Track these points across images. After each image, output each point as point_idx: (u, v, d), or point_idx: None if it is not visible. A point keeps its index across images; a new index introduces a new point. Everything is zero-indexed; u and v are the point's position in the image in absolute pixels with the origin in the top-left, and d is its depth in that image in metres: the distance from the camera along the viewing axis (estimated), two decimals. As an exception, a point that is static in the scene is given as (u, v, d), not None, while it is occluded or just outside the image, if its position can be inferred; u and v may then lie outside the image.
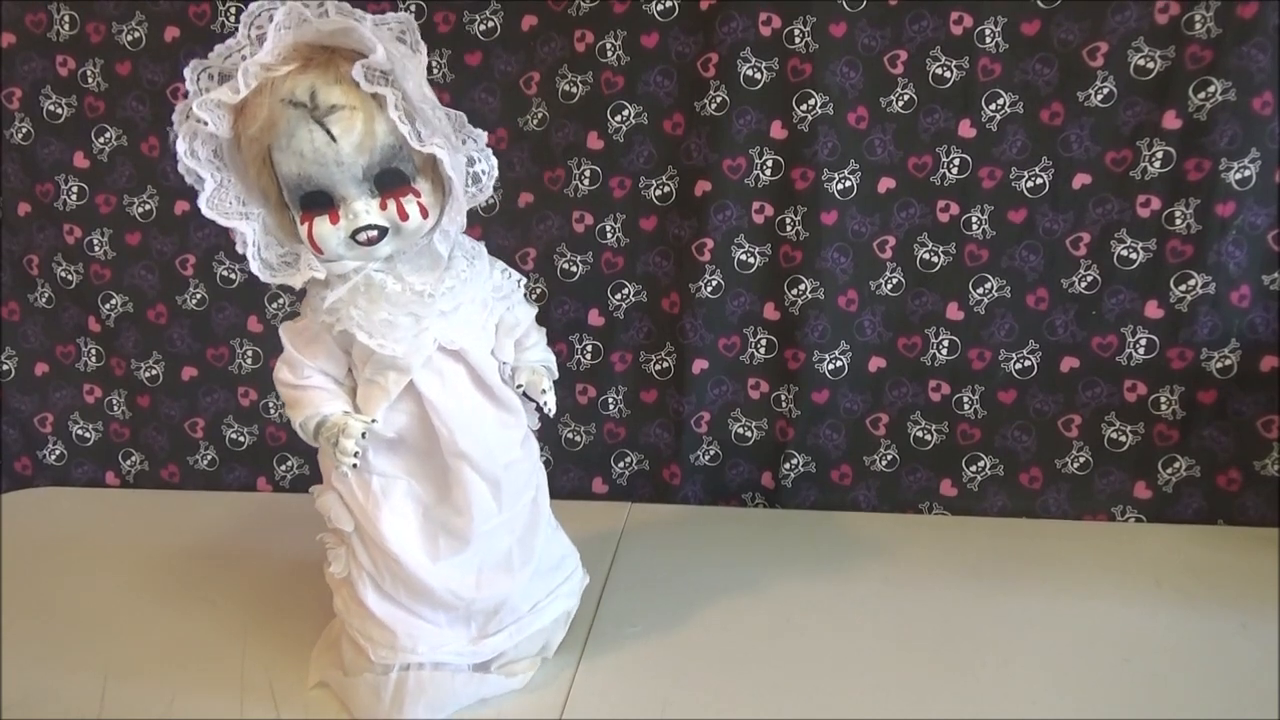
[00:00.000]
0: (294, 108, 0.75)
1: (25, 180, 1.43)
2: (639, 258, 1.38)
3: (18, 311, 1.47)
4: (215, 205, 0.80)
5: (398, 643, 0.88)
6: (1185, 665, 0.96)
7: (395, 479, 0.89)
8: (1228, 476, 1.27)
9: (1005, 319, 1.31)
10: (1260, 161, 1.19)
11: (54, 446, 1.51)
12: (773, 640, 1.03)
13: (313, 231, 0.79)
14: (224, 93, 0.75)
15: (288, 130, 0.76)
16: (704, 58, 1.29)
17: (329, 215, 0.79)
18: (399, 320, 0.83)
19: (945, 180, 1.29)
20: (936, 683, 0.95)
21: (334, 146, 0.76)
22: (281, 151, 0.77)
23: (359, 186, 0.79)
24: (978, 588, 1.12)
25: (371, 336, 0.83)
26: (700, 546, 1.26)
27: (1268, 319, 1.24)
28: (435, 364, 0.86)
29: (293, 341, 0.88)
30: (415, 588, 0.88)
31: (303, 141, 0.76)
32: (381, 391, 0.86)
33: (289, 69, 0.76)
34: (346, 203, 0.79)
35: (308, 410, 0.87)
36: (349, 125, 0.76)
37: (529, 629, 0.95)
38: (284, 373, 0.89)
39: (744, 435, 1.40)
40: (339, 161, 0.77)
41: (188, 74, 0.77)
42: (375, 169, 0.78)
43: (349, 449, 0.84)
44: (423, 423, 0.87)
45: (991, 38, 1.24)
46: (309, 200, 0.79)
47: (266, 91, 0.76)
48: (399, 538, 0.87)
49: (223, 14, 1.35)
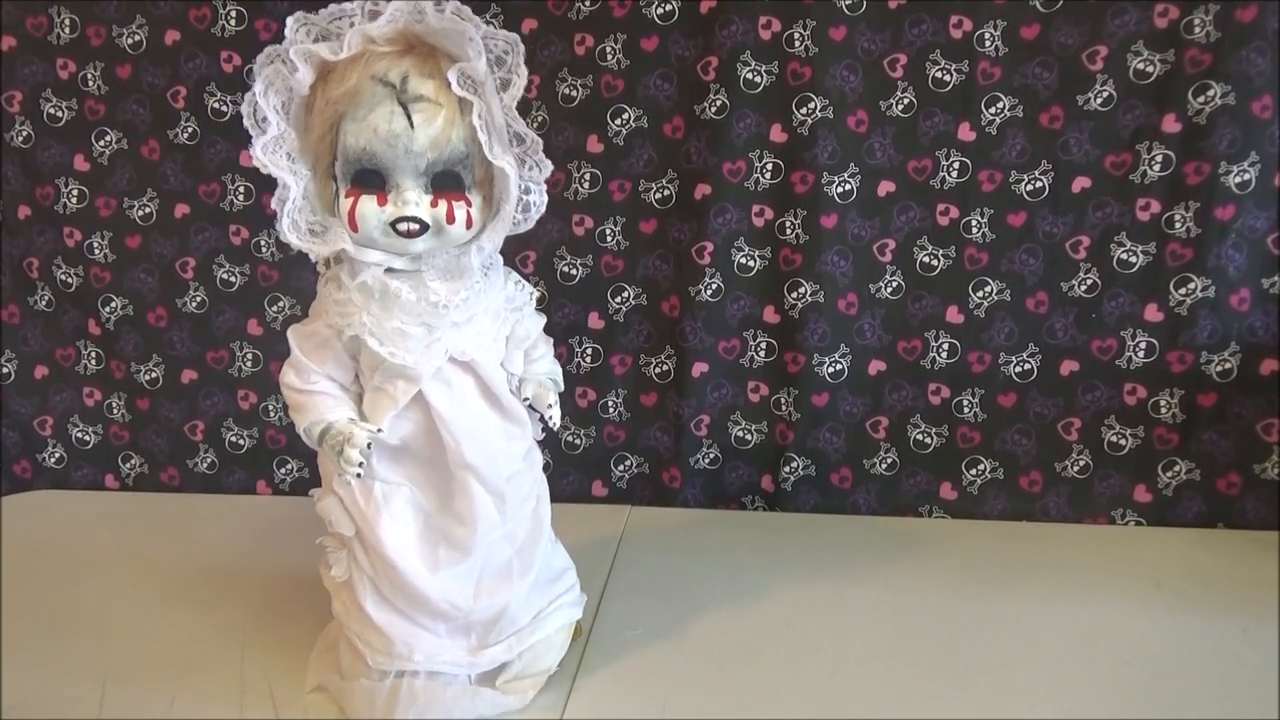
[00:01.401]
0: (383, 85, 0.76)
1: (25, 183, 1.43)
2: (639, 261, 1.38)
3: (18, 314, 1.47)
4: (269, 152, 0.79)
5: (394, 649, 0.88)
6: (1185, 668, 0.96)
7: (398, 486, 0.88)
8: (1227, 480, 1.27)
9: (1005, 322, 1.31)
10: (1260, 165, 1.19)
11: (54, 449, 1.51)
12: (772, 643, 1.03)
13: (356, 207, 0.79)
14: (324, 49, 0.76)
15: (369, 103, 0.76)
16: (704, 61, 1.30)
17: (377, 196, 0.79)
18: (411, 330, 0.82)
19: (945, 184, 1.29)
20: (936, 686, 0.95)
21: (409, 133, 0.77)
22: (355, 122, 0.77)
23: (416, 179, 0.79)
24: (977, 591, 1.12)
25: (383, 344, 0.82)
26: (700, 550, 1.26)
27: (1267, 322, 1.24)
28: (444, 374, 0.85)
29: (300, 345, 0.86)
30: (412, 596, 0.87)
31: (381, 118, 0.76)
32: (389, 400, 0.85)
33: (389, 50, 0.77)
34: (399, 190, 0.78)
35: (312, 416, 0.86)
36: (430, 118, 0.77)
37: (529, 639, 0.93)
38: (290, 376, 0.87)
39: (744, 438, 1.40)
40: (409, 149, 0.77)
41: (290, 22, 0.77)
42: (438, 167, 0.79)
43: (354, 459, 0.83)
44: (429, 432, 0.86)
45: (991, 41, 1.24)
46: (361, 176, 0.78)
47: (360, 63, 0.76)
48: (398, 545, 0.86)
49: (223, 17, 1.35)
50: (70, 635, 1.08)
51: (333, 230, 0.81)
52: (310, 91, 0.79)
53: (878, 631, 1.05)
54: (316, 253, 0.82)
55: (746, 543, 1.28)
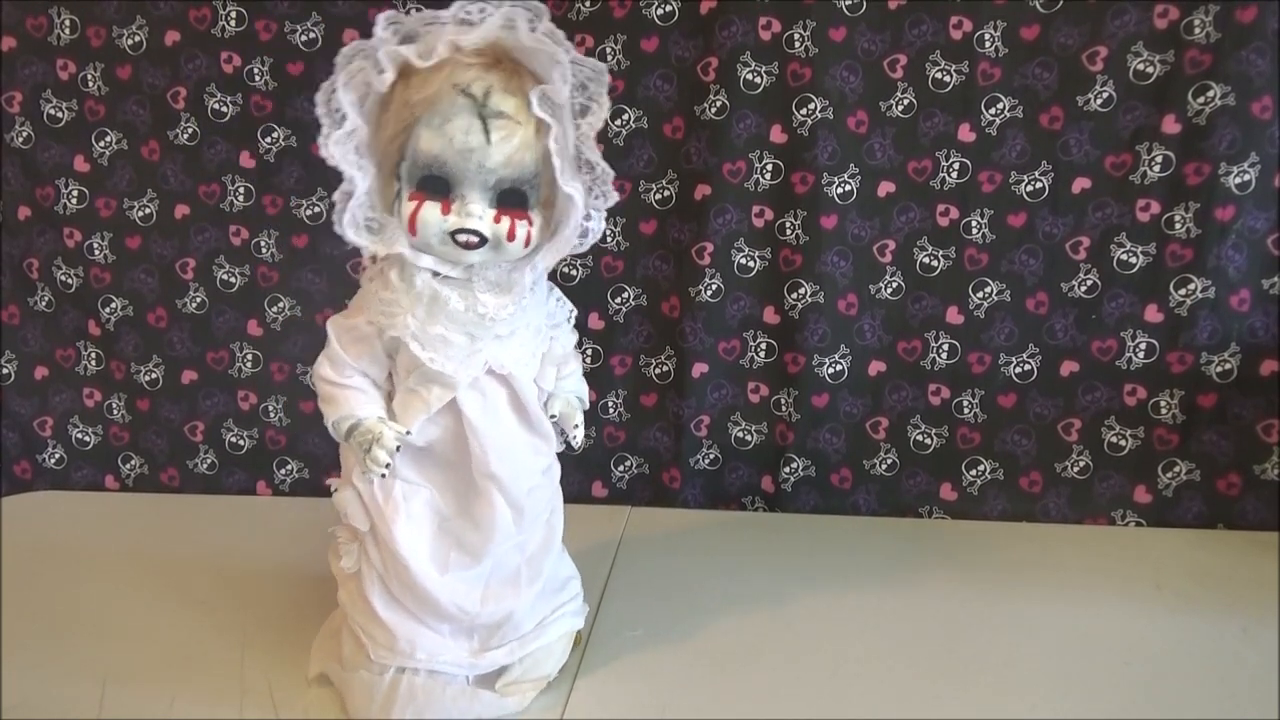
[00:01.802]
0: (464, 96, 0.76)
1: (25, 184, 1.43)
2: (639, 261, 1.38)
3: (17, 315, 1.47)
4: (340, 145, 0.78)
5: (396, 645, 0.88)
6: (1185, 669, 0.96)
7: (418, 488, 0.88)
8: (1227, 480, 1.27)
9: (1005, 323, 1.31)
10: (1260, 166, 1.19)
11: (53, 450, 1.51)
12: (773, 644, 1.03)
13: (419, 212, 0.79)
14: (412, 53, 0.76)
15: (447, 112, 0.76)
16: (704, 62, 1.30)
17: (441, 204, 0.79)
18: (454, 338, 0.82)
19: (945, 184, 1.29)
20: (937, 686, 0.95)
21: (485, 149, 0.77)
22: (431, 128, 0.77)
23: (484, 192, 0.79)
24: (977, 591, 1.12)
25: (424, 349, 0.82)
26: (700, 550, 1.26)
27: (1267, 323, 1.24)
28: (480, 384, 0.85)
29: (339, 338, 0.86)
30: (420, 596, 0.87)
31: (458, 129, 0.76)
32: (422, 403, 0.85)
33: (475, 61, 0.77)
34: (464, 201, 0.79)
35: (343, 410, 0.86)
36: (508, 136, 0.77)
37: (531, 645, 0.93)
38: (325, 368, 0.86)
39: (744, 439, 1.40)
40: (482, 164, 0.77)
41: (380, 20, 0.77)
42: (506, 184, 0.79)
43: (381, 459, 0.83)
44: (456, 438, 0.86)
45: (991, 42, 1.24)
46: (427, 182, 0.79)
47: (445, 71, 0.76)
48: (411, 546, 0.86)
49: (223, 18, 1.35)
50: (70, 635, 1.08)
51: (389, 229, 0.81)
52: (388, 91, 0.78)
53: (878, 632, 1.05)
54: (373, 250, 0.81)
55: (747, 543, 1.28)
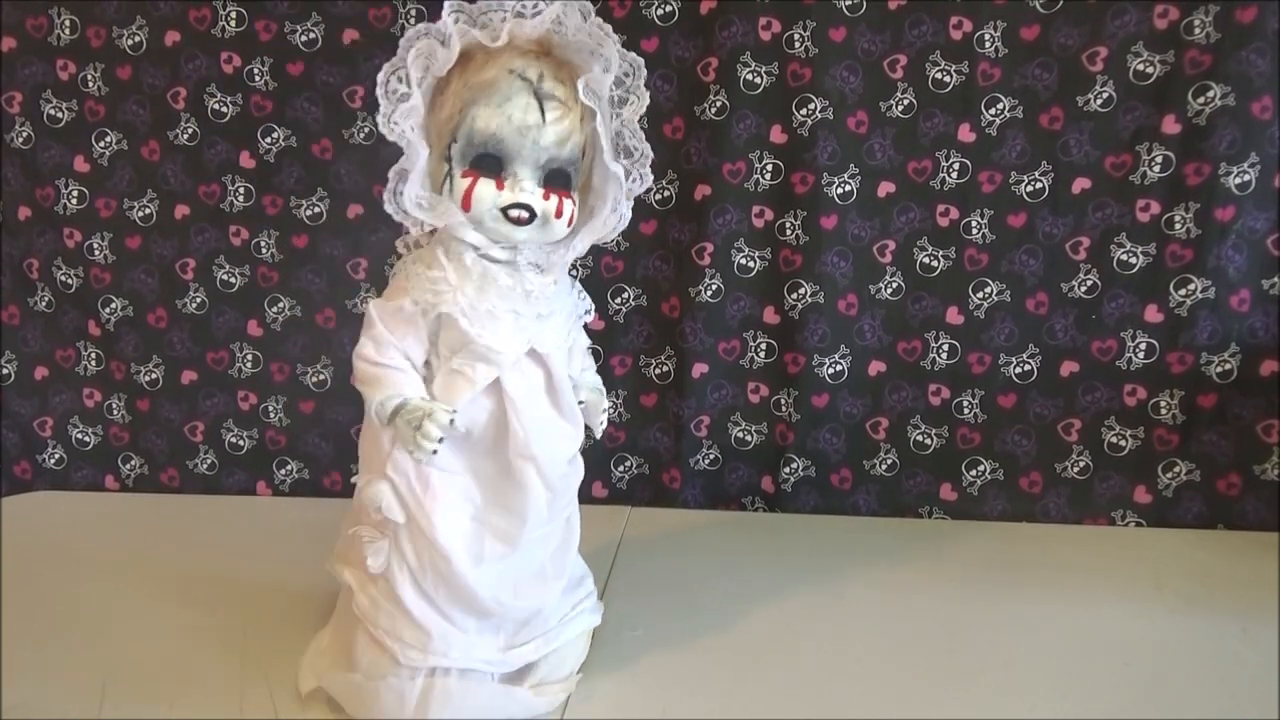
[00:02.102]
0: (520, 80, 0.81)
1: (25, 184, 1.43)
2: (639, 262, 1.38)
3: (17, 315, 1.47)
4: (404, 118, 0.81)
5: (431, 645, 0.86)
6: (1185, 669, 0.96)
7: (455, 475, 0.87)
8: (1227, 481, 1.27)
9: (1005, 323, 1.31)
10: (1260, 166, 1.19)
11: (53, 450, 1.51)
12: (772, 644, 1.03)
13: (474, 189, 0.81)
14: (482, 35, 0.80)
15: (506, 93, 0.80)
16: (704, 62, 1.30)
17: (495, 180, 0.82)
18: (501, 314, 0.84)
19: (945, 184, 1.29)
20: (937, 686, 0.95)
21: (541, 127, 0.81)
22: (489, 108, 0.80)
23: (534, 171, 0.83)
24: (978, 592, 1.12)
25: (472, 324, 0.83)
26: (700, 551, 1.26)
27: (1267, 323, 1.24)
28: (521, 364, 0.87)
29: (384, 320, 0.86)
30: (457, 589, 0.86)
31: (517, 107, 0.80)
32: (466, 383, 0.85)
33: (527, 50, 0.82)
34: (516, 178, 0.82)
35: (389, 390, 0.84)
36: (560, 116, 0.82)
37: (555, 641, 0.94)
38: (369, 349, 0.86)
39: (744, 439, 1.40)
40: (537, 141, 0.81)
41: (447, 7, 0.80)
42: (555, 164, 0.83)
43: (433, 434, 0.82)
44: (495, 421, 0.87)
45: (991, 42, 1.24)
46: (482, 160, 0.82)
47: (500, 57, 0.81)
48: (451, 536, 0.86)
49: (223, 18, 1.35)
50: (70, 636, 1.08)
51: (440, 206, 0.83)
52: (444, 75, 0.82)
53: (878, 632, 1.05)
54: (427, 223, 0.84)
55: (747, 544, 1.28)
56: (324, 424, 1.45)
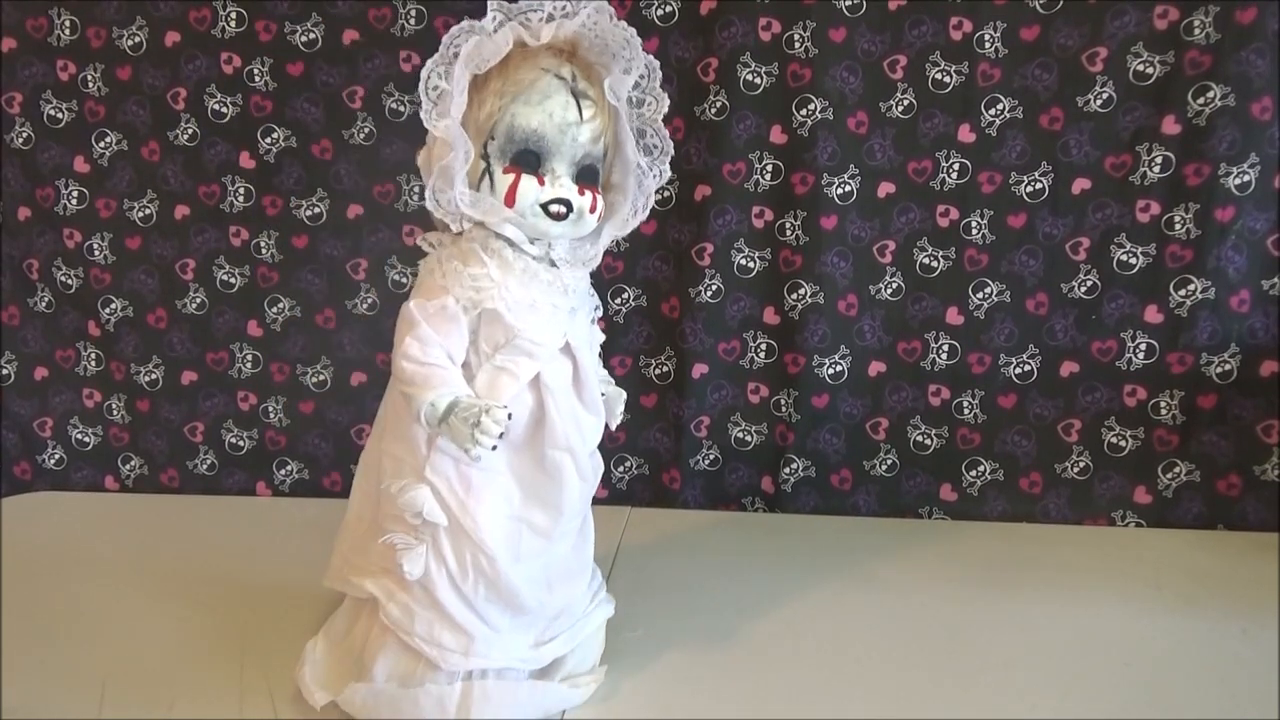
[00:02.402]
0: (556, 78, 0.83)
1: (25, 185, 1.43)
2: (639, 262, 1.38)
3: (17, 316, 1.47)
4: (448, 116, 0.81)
5: (474, 647, 0.86)
6: (1185, 669, 0.96)
7: (496, 475, 0.87)
8: (1227, 481, 1.27)
9: (1005, 324, 1.31)
10: (1259, 166, 1.20)
11: (53, 451, 1.51)
12: (772, 644, 1.03)
13: (518, 184, 0.83)
14: (528, 35, 0.83)
15: (545, 91, 0.83)
16: (704, 62, 1.30)
17: (536, 176, 0.84)
18: (542, 307, 0.86)
19: (945, 185, 1.29)
20: (937, 686, 0.95)
21: (579, 124, 0.84)
22: (529, 105, 0.82)
23: (569, 167, 0.85)
24: (978, 592, 1.12)
25: (517, 319, 0.84)
26: (700, 551, 1.26)
27: (1267, 324, 1.24)
28: (555, 357, 0.88)
29: (429, 319, 0.84)
30: (500, 587, 0.86)
31: (557, 104, 0.83)
32: (511, 379, 0.85)
33: (555, 52, 0.84)
34: (554, 174, 0.84)
35: (441, 389, 0.82)
36: (594, 115, 0.85)
37: (580, 634, 0.95)
38: (414, 349, 0.84)
39: (744, 440, 1.40)
40: (575, 138, 0.84)
41: (490, 7, 0.82)
42: (588, 160, 0.86)
43: (494, 430, 0.80)
44: (532, 417, 0.87)
45: (991, 43, 1.24)
46: (522, 157, 0.83)
47: (533, 58, 0.83)
48: (494, 534, 0.86)
49: (223, 19, 1.35)
50: (70, 636, 1.08)
51: (485, 202, 0.84)
52: (483, 74, 0.83)
53: (878, 632, 1.05)
54: (472, 219, 0.85)
55: (746, 544, 1.28)
56: (324, 424, 1.45)
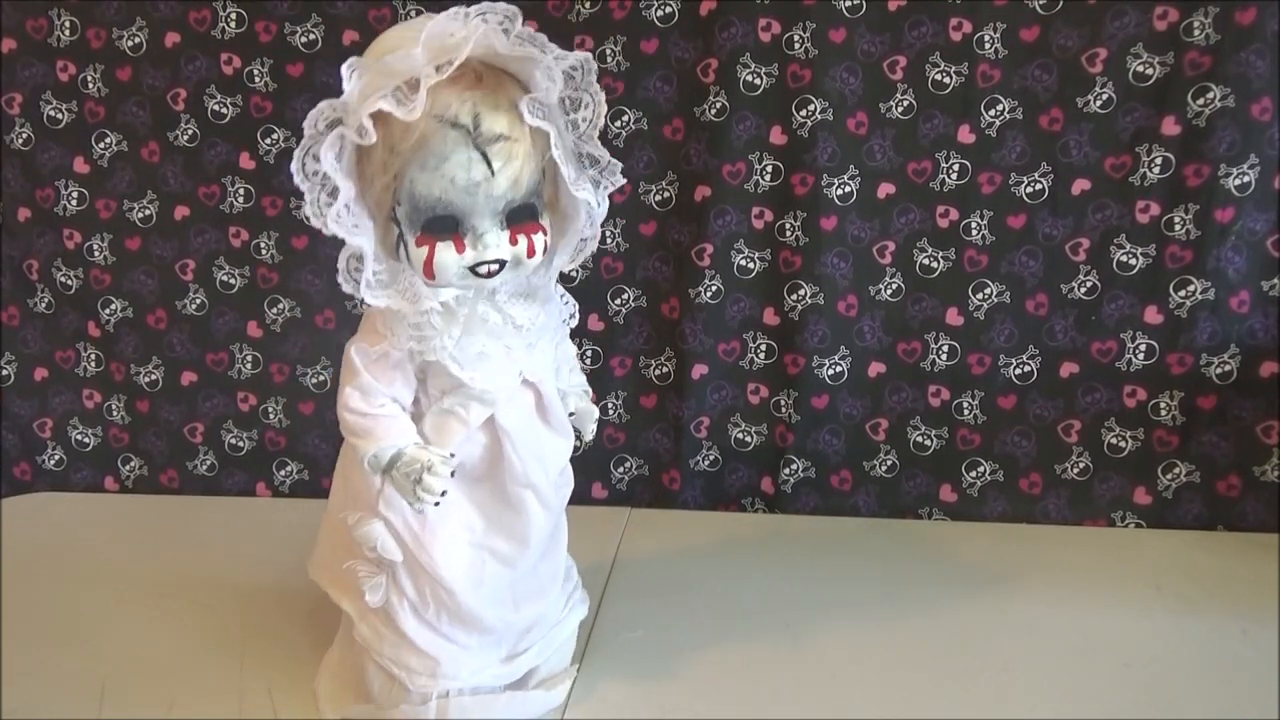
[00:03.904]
0: (454, 129, 0.70)
1: (25, 185, 1.43)
2: (638, 263, 1.38)
3: (17, 316, 1.47)
4: (339, 218, 0.73)
5: (440, 670, 0.85)
6: (1185, 671, 0.96)
7: (452, 507, 0.85)
8: (1227, 482, 1.27)
9: (1005, 324, 1.31)
10: (1259, 167, 1.19)
11: (53, 451, 1.51)
12: (772, 645, 1.03)
13: (433, 257, 0.74)
14: (395, 109, 0.69)
15: (442, 152, 0.71)
16: (704, 63, 1.30)
17: (454, 242, 0.74)
18: (492, 352, 0.80)
19: (945, 186, 1.29)
20: (937, 688, 0.95)
21: (490, 180, 0.72)
22: (427, 171, 0.71)
23: (494, 219, 0.74)
24: (977, 593, 1.12)
25: (464, 369, 0.79)
26: (700, 552, 1.26)
27: (1267, 324, 1.24)
28: (514, 394, 0.84)
29: (369, 367, 0.81)
30: (463, 616, 0.85)
31: (457, 167, 0.71)
32: (460, 424, 0.82)
33: (454, 85, 0.70)
34: (476, 233, 0.74)
35: (383, 442, 0.81)
36: (509, 157, 0.72)
37: (554, 642, 0.93)
38: (355, 400, 0.81)
39: (744, 440, 1.40)
40: (489, 194, 0.73)
41: (345, 71, 0.71)
42: (515, 204, 0.75)
43: (436, 488, 0.79)
44: (490, 453, 0.84)
45: (991, 44, 1.24)
46: (434, 224, 0.73)
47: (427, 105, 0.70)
48: (452, 568, 0.84)
49: (223, 19, 1.35)
50: (70, 636, 1.08)
51: (402, 277, 0.76)
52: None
53: (878, 633, 1.05)
54: (400, 308, 0.77)
55: (746, 545, 1.28)
56: (324, 425, 1.45)
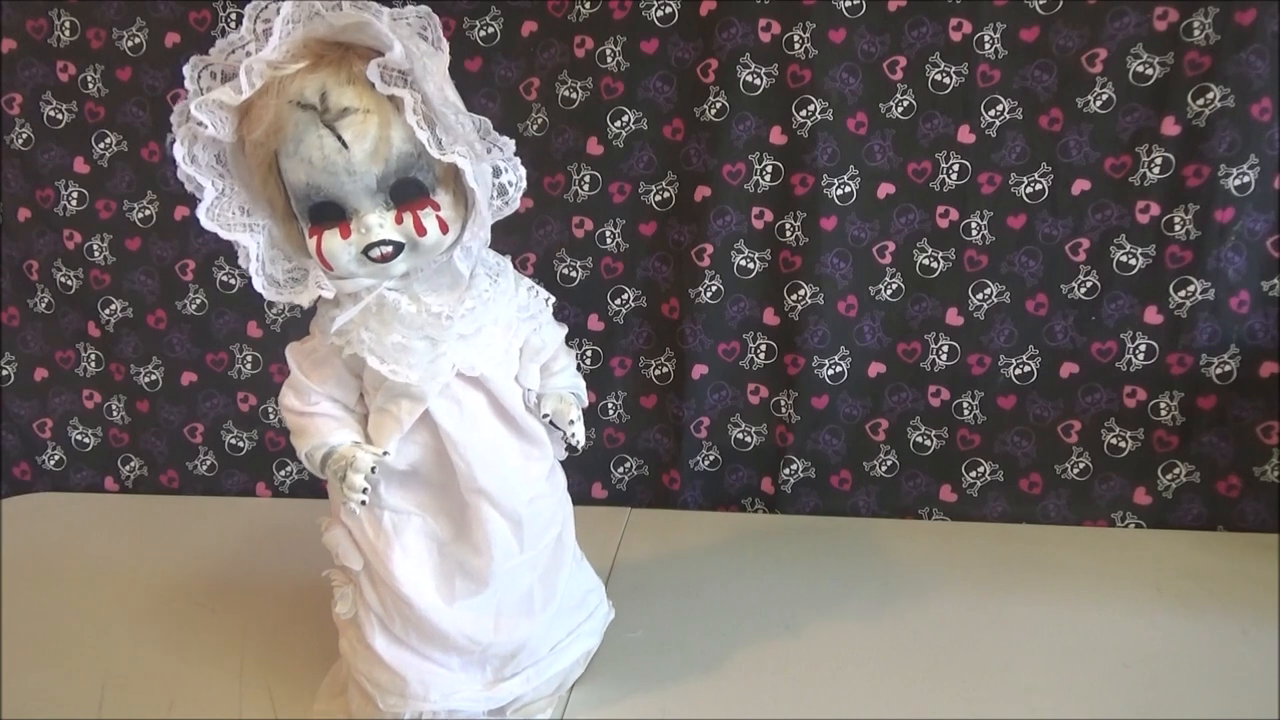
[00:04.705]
0: (302, 110, 0.69)
1: (25, 186, 1.43)
2: (639, 263, 1.38)
3: (17, 316, 1.47)
4: (216, 215, 0.73)
5: (408, 690, 0.83)
6: (1185, 671, 0.96)
7: (409, 515, 0.83)
8: (1227, 482, 1.27)
9: (1005, 324, 1.31)
10: (1259, 168, 1.19)
11: (53, 452, 1.51)
12: (772, 645, 1.03)
13: (322, 246, 0.73)
14: (225, 92, 0.68)
15: (295, 135, 0.70)
16: (704, 63, 1.30)
17: (339, 229, 0.73)
18: (414, 344, 0.77)
19: (945, 186, 1.29)
20: (937, 688, 0.95)
21: (345, 154, 0.70)
22: (289, 158, 0.71)
23: (373, 198, 0.72)
24: (977, 593, 1.12)
25: (384, 362, 0.77)
26: (700, 552, 1.26)
27: (1267, 325, 1.24)
28: (453, 392, 0.80)
29: (300, 365, 0.81)
30: (427, 631, 0.83)
31: (311, 148, 0.70)
32: (394, 421, 0.80)
33: (298, 67, 0.69)
34: (359, 215, 0.72)
35: (314, 440, 0.81)
36: (362, 130, 0.70)
37: (547, 672, 0.90)
38: (290, 398, 0.82)
39: (744, 440, 1.40)
40: (350, 170, 0.71)
41: (187, 71, 0.70)
42: (391, 179, 0.72)
43: (357, 484, 0.78)
44: (439, 455, 0.81)
45: (991, 44, 1.24)
46: (318, 212, 0.72)
47: (273, 92, 0.69)
48: (411, 578, 0.81)
49: (223, 19, 1.35)
50: (70, 637, 1.08)
51: (312, 274, 0.75)
52: (237, 137, 0.72)
53: (878, 633, 1.05)
54: (302, 302, 0.76)
55: (746, 545, 1.28)
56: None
